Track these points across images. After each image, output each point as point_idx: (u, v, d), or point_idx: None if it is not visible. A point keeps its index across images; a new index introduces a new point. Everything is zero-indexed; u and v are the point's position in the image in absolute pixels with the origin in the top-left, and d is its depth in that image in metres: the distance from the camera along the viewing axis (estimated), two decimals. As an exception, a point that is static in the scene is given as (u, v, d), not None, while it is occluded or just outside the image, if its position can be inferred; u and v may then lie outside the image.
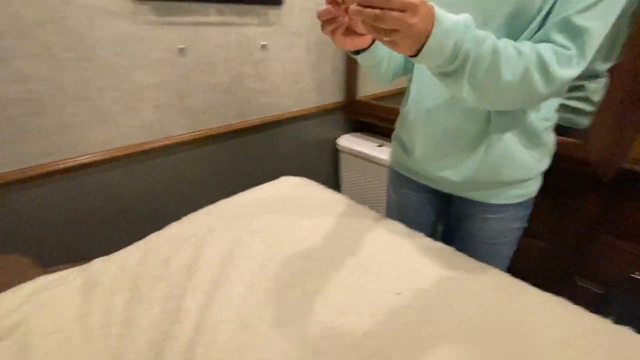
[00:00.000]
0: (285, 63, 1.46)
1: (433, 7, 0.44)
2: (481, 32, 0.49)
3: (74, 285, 0.64)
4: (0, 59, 0.81)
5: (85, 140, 1.01)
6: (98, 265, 0.69)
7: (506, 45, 0.50)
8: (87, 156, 1.02)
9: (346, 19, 0.50)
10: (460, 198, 0.79)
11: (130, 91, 1.05)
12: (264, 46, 1.36)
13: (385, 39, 0.44)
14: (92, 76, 0.96)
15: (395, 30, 0.42)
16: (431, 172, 0.78)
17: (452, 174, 0.74)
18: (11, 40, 0.82)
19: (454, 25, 0.45)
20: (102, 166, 1.06)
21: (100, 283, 0.64)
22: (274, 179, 1.12)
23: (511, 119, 0.65)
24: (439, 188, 0.81)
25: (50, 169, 0.96)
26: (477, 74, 0.49)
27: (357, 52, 0.63)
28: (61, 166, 0.97)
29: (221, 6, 1.16)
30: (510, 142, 0.67)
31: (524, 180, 0.72)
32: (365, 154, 1.65)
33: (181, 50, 1.11)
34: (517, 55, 0.50)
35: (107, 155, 1.05)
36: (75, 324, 0.56)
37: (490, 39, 0.49)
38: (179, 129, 1.21)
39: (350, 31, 0.53)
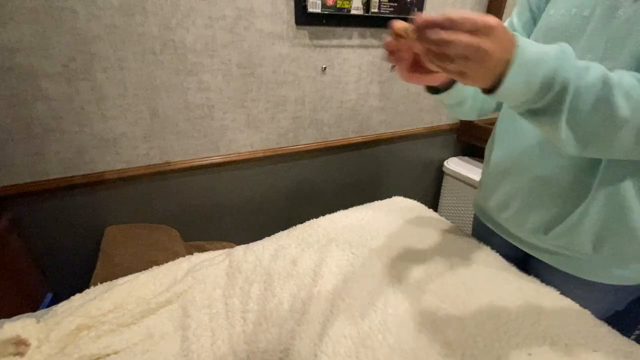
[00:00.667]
0: (411, 84, 1.46)
1: (512, 32, 0.36)
2: (583, 62, 0.38)
3: (222, 267, 0.75)
4: (192, 72, 1.02)
5: (236, 142, 1.19)
6: (240, 253, 0.79)
7: (621, 75, 0.38)
8: (235, 155, 1.20)
9: (410, 53, 0.42)
10: (543, 263, 0.65)
11: (276, 103, 1.20)
12: (394, 67, 1.39)
13: (452, 67, 0.35)
14: (251, 89, 1.13)
15: (465, 57, 0.33)
16: (512, 226, 0.67)
17: (535, 234, 0.61)
18: (204, 58, 1.03)
19: (542, 52, 0.36)
20: (244, 164, 1.23)
21: (242, 270, 0.73)
22: (380, 192, 1.12)
23: (629, 170, 0.48)
24: (520, 246, 0.69)
25: (207, 162, 1.16)
26: (580, 111, 0.38)
27: (435, 90, 0.53)
28: (216, 161, 1.17)
29: (364, 30, 1.24)
30: (624, 202, 0.50)
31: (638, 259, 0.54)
32: (471, 179, 1.57)
33: (323, 70, 1.22)
34: (638, 85, 0.38)
35: (250, 156, 1.22)
36: (220, 302, 0.66)
37: (596, 67, 0.38)
38: (307, 139, 1.32)
39: (418, 66, 0.43)
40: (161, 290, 0.68)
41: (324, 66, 1.22)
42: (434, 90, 0.53)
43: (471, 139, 1.70)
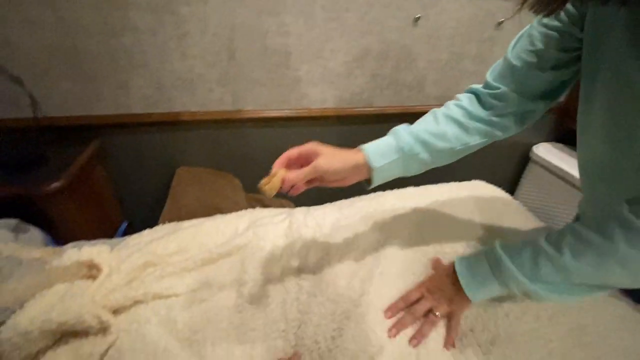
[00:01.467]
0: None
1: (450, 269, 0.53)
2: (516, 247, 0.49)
3: (281, 227, 0.72)
4: (274, 13, 0.94)
5: (308, 97, 1.11)
6: (300, 216, 0.75)
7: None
8: (305, 110, 1.13)
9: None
10: None
11: (356, 57, 1.07)
12: (500, 24, 1.15)
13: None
14: (332, 37, 1.02)
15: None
16: None
17: None
18: (287, -4, 0.93)
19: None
20: (313, 122, 1.16)
21: (301, 235, 0.69)
22: (451, 172, 0.97)
23: None
24: None
25: (277, 114, 1.11)
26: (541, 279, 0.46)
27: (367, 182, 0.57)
28: (285, 114, 1.12)
29: (475, -28, 1.01)
30: None
31: None
32: (563, 171, 1.33)
33: (416, 20, 1.05)
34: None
35: (320, 113, 1.14)
36: (277, 265, 0.63)
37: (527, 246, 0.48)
38: (383, 101, 1.19)
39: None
40: (223, 240, 0.67)
41: (417, 16, 1.04)
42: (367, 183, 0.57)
43: (573, 123, 1.40)
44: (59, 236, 0.78)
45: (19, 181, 0.79)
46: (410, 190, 0.91)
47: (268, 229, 0.70)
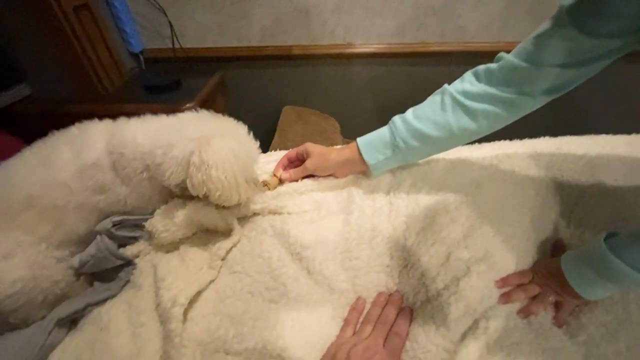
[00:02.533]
0: None
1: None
2: None
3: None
4: None
5: (427, 27, 0.98)
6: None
7: None
8: (420, 44, 1.01)
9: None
10: None
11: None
12: None
13: None
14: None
15: None
16: None
17: None
18: None
19: None
20: (431, 58, 1.03)
21: (411, 174, 0.64)
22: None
23: None
24: None
25: (390, 49, 1.02)
26: None
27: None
28: (400, 49, 1.01)
29: None
30: None
31: None
32: None
33: None
34: None
35: (438, 48, 1.00)
36: (385, 200, 0.60)
37: None
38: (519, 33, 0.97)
39: None
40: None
41: None
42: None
43: None
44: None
45: (160, 100, 0.92)
46: (547, 141, 0.75)
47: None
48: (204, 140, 0.48)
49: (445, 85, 0.54)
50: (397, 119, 0.56)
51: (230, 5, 0.95)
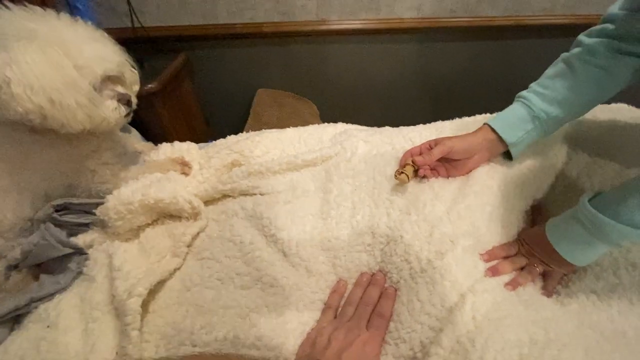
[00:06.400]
0: None
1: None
2: None
3: (373, 142, 0.63)
4: None
5: (402, 2, 0.94)
6: (394, 132, 0.66)
7: None
8: (396, 20, 0.97)
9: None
10: None
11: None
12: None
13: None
14: None
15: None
16: None
17: None
18: None
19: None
20: (404, 35, 1.00)
21: (395, 150, 0.61)
22: None
23: None
24: None
25: (364, 25, 0.97)
26: None
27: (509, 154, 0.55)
28: (373, 25, 0.98)
29: None
30: None
31: None
32: None
33: None
34: None
35: (413, 24, 0.97)
36: (365, 176, 0.56)
37: None
38: (496, 9, 0.96)
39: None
40: (305, 149, 0.63)
41: None
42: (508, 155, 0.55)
43: None
44: (151, 140, 0.84)
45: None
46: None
47: (357, 144, 0.63)
48: (1, 47, 0.37)
49: (564, 54, 0.52)
50: (525, 93, 0.53)
51: (193, -23, 0.88)
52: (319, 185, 0.56)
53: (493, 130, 0.52)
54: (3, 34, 0.37)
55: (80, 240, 0.47)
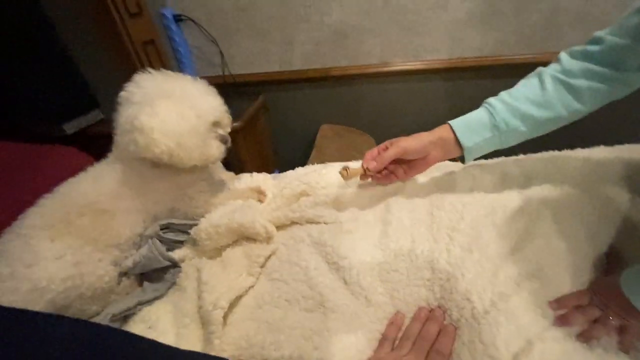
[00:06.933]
0: None
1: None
2: None
3: (433, 177, 0.65)
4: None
5: (464, 42, 0.97)
6: (456, 168, 0.67)
7: None
8: (458, 60, 1.00)
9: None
10: None
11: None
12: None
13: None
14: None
15: None
16: None
17: None
18: None
19: None
20: (467, 72, 1.02)
21: (455, 187, 0.62)
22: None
23: None
24: None
25: (427, 66, 1.02)
26: None
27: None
28: (437, 65, 1.01)
29: None
30: None
31: None
32: None
33: None
34: None
35: (476, 63, 0.98)
36: (425, 211, 0.58)
37: None
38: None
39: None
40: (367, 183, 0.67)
41: None
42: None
43: None
44: (228, 168, 0.96)
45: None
46: (602, 150, 0.68)
47: (418, 178, 0.66)
48: (146, 103, 0.48)
49: (540, 68, 0.53)
50: (492, 100, 0.53)
51: (274, 33, 1.03)
52: (379, 216, 0.59)
53: (453, 130, 0.53)
54: (148, 94, 0.50)
55: (176, 254, 0.56)
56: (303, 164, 1.02)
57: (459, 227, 0.54)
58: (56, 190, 0.53)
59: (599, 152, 0.65)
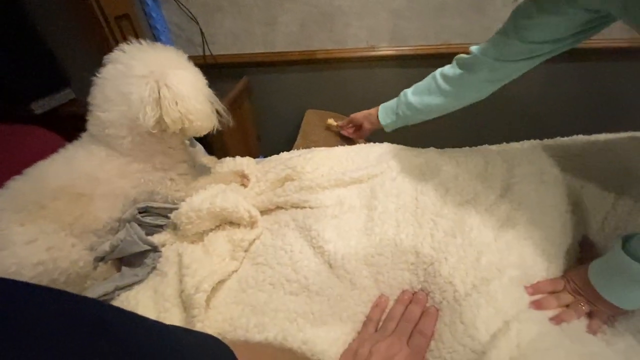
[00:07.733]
0: None
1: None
2: None
3: (416, 162, 0.65)
4: None
5: (449, 29, 0.97)
6: (436, 155, 0.68)
7: None
8: (443, 46, 0.99)
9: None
10: None
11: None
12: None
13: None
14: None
15: None
16: None
17: None
18: None
19: None
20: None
21: (440, 173, 0.63)
22: None
23: None
24: None
25: (415, 51, 1.01)
26: None
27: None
28: (425, 51, 1.01)
29: None
30: None
31: None
32: None
33: None
34: None
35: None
36: (410, 196, 0.59)
37: None
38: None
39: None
40: (353, 167, 0.67)
41: None
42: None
43: None
44: (210, 152, 0.94)
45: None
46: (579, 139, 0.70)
47: (402, 163, 0.66)
48: (159, 75, 0.49)
49: (439, 69, 0.69)
50: (403, 92, 0.74)
51: (257, 12, 0.99)
52: (364, 202, 0.59)
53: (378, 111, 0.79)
54: (152, 64, 0.50)
55: (156, 239, 0.55)
56: (289, 147, 1.01)
57: (443, 213, 0.55)
58: (26, 173, 0.50)
59: (577, 142, 0.67)
